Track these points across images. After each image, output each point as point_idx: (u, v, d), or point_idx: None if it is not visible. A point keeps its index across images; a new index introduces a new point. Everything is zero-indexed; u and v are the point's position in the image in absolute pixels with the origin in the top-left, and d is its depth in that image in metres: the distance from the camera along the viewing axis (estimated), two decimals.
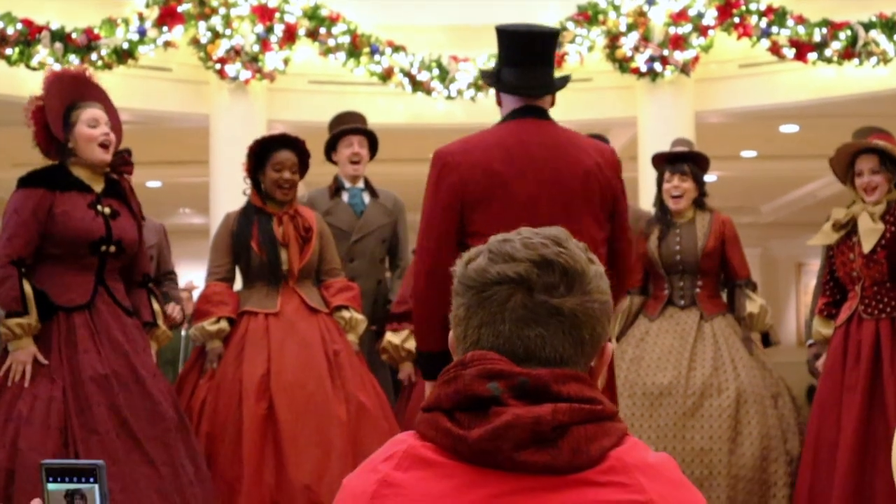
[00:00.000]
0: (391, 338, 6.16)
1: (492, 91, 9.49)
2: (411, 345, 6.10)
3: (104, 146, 4.67)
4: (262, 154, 5.51)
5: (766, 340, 6.20)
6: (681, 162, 6.24)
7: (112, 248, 4.66)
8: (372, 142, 6.59)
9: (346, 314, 5.54)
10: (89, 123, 4.65)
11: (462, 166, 3.90)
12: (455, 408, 1.62)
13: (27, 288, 4.49)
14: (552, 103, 4.16)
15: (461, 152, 3.94)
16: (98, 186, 4.72)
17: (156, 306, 4.97)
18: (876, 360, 5.33)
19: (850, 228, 5.54)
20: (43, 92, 4.69)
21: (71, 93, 4.71)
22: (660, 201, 6.31)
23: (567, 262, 1.68)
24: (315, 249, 5.52)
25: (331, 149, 6.59)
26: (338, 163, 6.56)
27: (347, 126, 6.57)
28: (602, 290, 1.71)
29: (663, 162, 6.33)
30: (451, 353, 1.75)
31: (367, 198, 6.54)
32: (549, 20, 10.00)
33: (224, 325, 5.37)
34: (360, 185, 6.57)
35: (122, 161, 4.83)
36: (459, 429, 1.60)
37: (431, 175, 3.96)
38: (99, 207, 4.67)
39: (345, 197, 6.50)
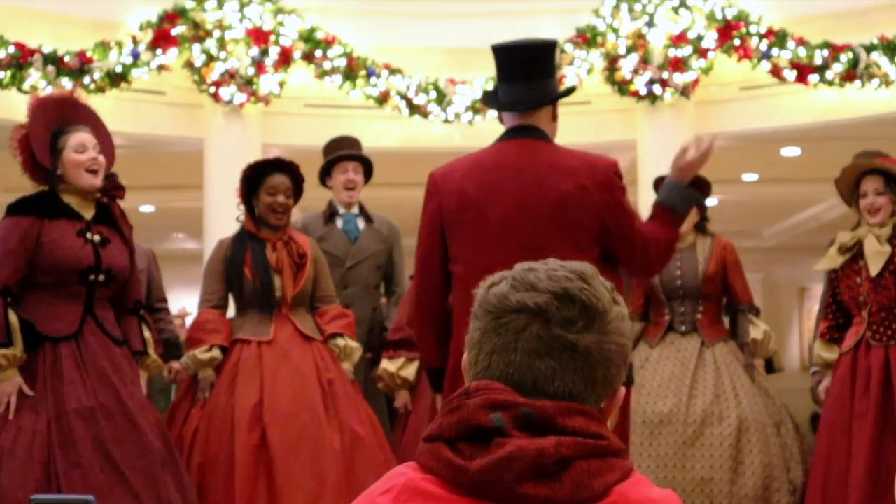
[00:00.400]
0: (387, 365, 6.09)
1: (491, 113, 9.43)
2: (407, 372, 6.04)
3: (93, 171, 4.59)
4: (255, 179, 5.43)
5: (770, 367, 6.10)
6: None
7: (101, 277, 4.58)
8: (367, 167, 6.51)
9: (340, 342, 5.45)
10: (76, 149, 4.57)
11: (442, 191, 3.96)
12: (457, 438, 1.60)
13: (13, 318, 4.41)
14: (554, 116, 4.06)
15: (443, 176, 4.00)
16: (88, 213, 4.64)
17: (147, 334, 4.88)
18: (886, 386, 5.26)
19: (855, 252, 5.45)
20: (27, 119, 4.60)
21: (57, 118, 4.64)
22: None
23: (589, 298, 1.65)
24: (309, 276, 5.44)
25: (325, 174, 6.52)
26: (332, 188, 6.48)
27: (343, 152, 6.50)
28: (622, 332, 1.68)
29: None
30: (464, 376, 1.72)
31: (361, 224, 6.47)
32: None
33: (216, 353, 5.28)
34: (355, 210, 6.49)
35: (113, 185, 4.74)
36: (461, 459, 1.57)
37: (423, 210, 4.06)
38: (88, 235, 4.59)
39: (339, 223, 6.42)
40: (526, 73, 3.91)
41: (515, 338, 1.64)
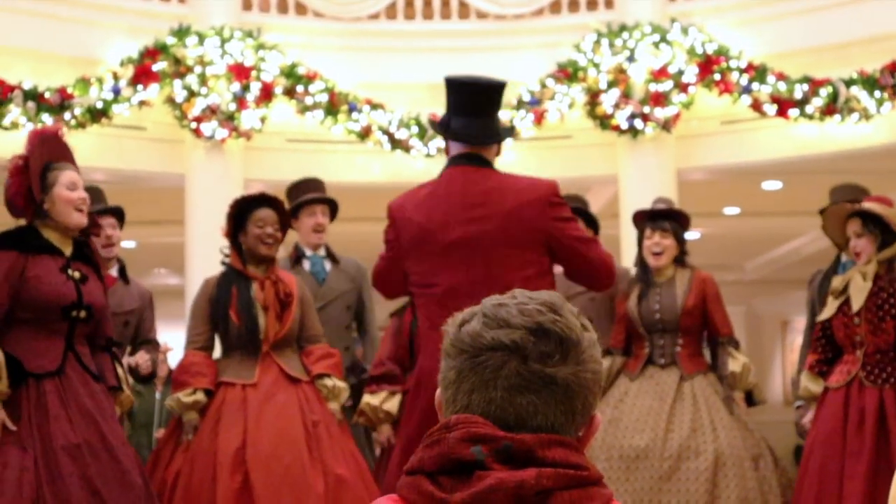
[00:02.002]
0: (369, 399, 6.07)
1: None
2: (390, 406, 6.03)
3: (80, 210, 4.57)
4: (241, 215, 5.40)
5: (751, 400, 6.08)
6: (662, 219, 6.16)
7: (82, 314, 4.54)
8: (333, 209, 6.50)
9: (328, 382, 5.41)
10: (69, 186, 4.55)
11: (398, 222, 4.27)
12: (438, 471, 1.60)
13: None
14: (498, 152, 4.32)
15: (398, 208, 4.30)
16: (67, 249, 4.61)
17: (119, 371, 4.85)
18: (881, 427, 5.23)
19: (847, 293, 5.47)
20: (27, 150, 4.58)
21: (49, 152, 4.61)
22: (640, 259, 6.22)
23: (563, 330, 1.65)
24: (296, 317, 5.41)
25: (291, 216, 6.47)
26: (298, 231, 6.43)
27: (311, 195, 6.46)
28: (595, 359, 1.69)
29: (644, 219, 6.25)
30: (437, 413, 1.72)
31: (328, 265, 6.45)
32: (529, 77, 9.97)
33: (200, 396, 5.24)
34: (321, 252, 6.46)
35: (92, 223, 4.72)
36: (442, 492, 1.57)
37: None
38: (69, 272, 4.55)
39: (306, 265, 6.39)
40: (481, 109, 4.17)
41: (494, 375, 1.63)
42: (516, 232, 4.11)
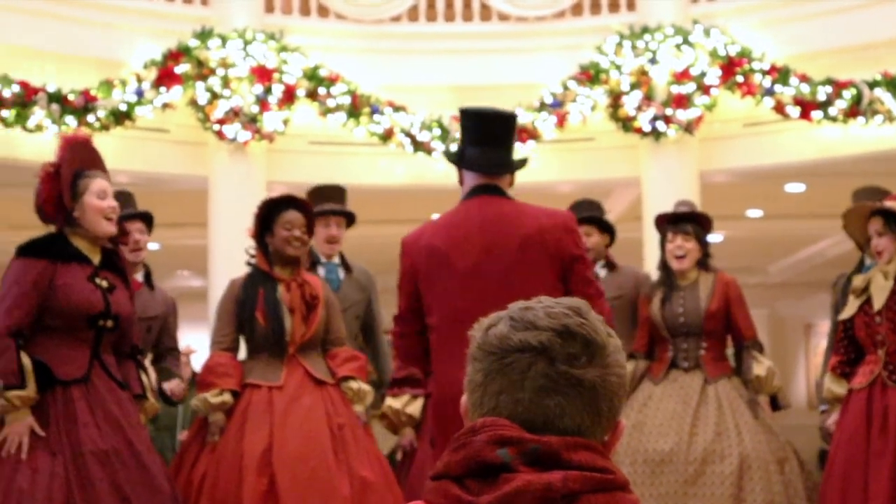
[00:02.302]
0: (392, 402, 6.03)
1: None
2: (412, 409, 5.99)
3: (110, 219, 4.59)
4: (268, 216, 5.40)
5: (776, 404, 6.05)
6: (684, 222, 6.14)
7: (109, 323, 4.56)
8: (350, 218, 6.49)
9: (353, 385, 5.41)
10: (99, 195, 4.56)
11: (412, 251, 4.28)
12: (465, 475, 1.60)
13: (25, 360, 4.39)
14: (511, 182, 4.36)
15: (414, 239, 4.31)
16: (96, 258, 4.63)
17: (144, 379, 4.87)
18: None
19: (869, 292, 5.44)
20: (58, 157, 4.59)
21: (80, 160, 4.63)
22: (663, 263, 6.20)
23: (589, 333, 1.67)
24: (322, 319, 5.40)
25: None
26: (314, 238, 6.44)
27: (326, 207, 6.44)
28: (620, 363, 1.70)
29: (666, 223, 6.23)
30: (463, 419, 1.72)
31: (342, 273, 6.44)
32: (551, 79, 9.96)
33: (227, 397, 5.23)
34: (336, 260, 6.46)
35: (121, 231, 4.74)
36: (469, 495, 1.58)
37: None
38: (97, 280, 4.57)
39: (321, 272, 6.38)
40: (496, 140, 4.24)
41: (521, 377, 1.64)
42: (534, 256, 4.13)
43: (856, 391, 5.40)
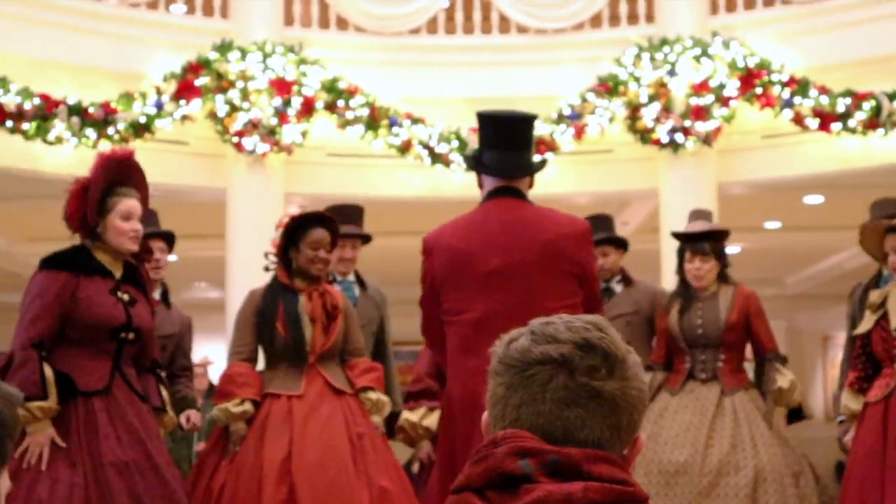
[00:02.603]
0: (409, 416, 6.05)
1: None
2: (429, 422, 6.00)
3: (132, 239, 4.61)
4: (295, 231, 5.40)
5: (798, 415, 6.02)
6: (701, 241, 6.11)
7: (131, 335, 4.59)
8: (365, 239, 6.50)
9: (372, 395, 5.41)
10: (123, 216, 4.59)
11: (434, 251, 4.27)
12: (486, 486, 1.61)
13: (48, 371, 4.42)
14: (531, 185, 4.36)
15: (435, 238, 4.31)
16: (118, 272, 4.66)
17: (164, 392, 4.89)
18: None
19: (886, 307, 5.44)
20: (90, 175, 4.61)
21: (114, 176, 4.65)
22: (682, 275, 6.18)
23: (609, 346, 1.69)
24: (341, 329, 5.41)
25: None
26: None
27: (344, 231, 6.45)
28: (640, 378, 1.72)
29: (682, 241, 6.20)
30: (484, 435, 1.73)
31: (357, 290, 6.45)
32: (570, 91, 9.97)
33: (248, 407, 5.24)
34: (351, 277, 6.47)
35: (144, 248, 4.77)
36: None
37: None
38: (119, 294, 4.60)
39: (337, 289, 6.40)
40: (513, 142, 4.25)
41: (542, 389, 1.66)
42: (554, 261, 4.15)
43: (872, 404, 5.40)
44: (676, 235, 6.28)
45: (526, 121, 4.33)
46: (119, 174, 4.67)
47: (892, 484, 5.20)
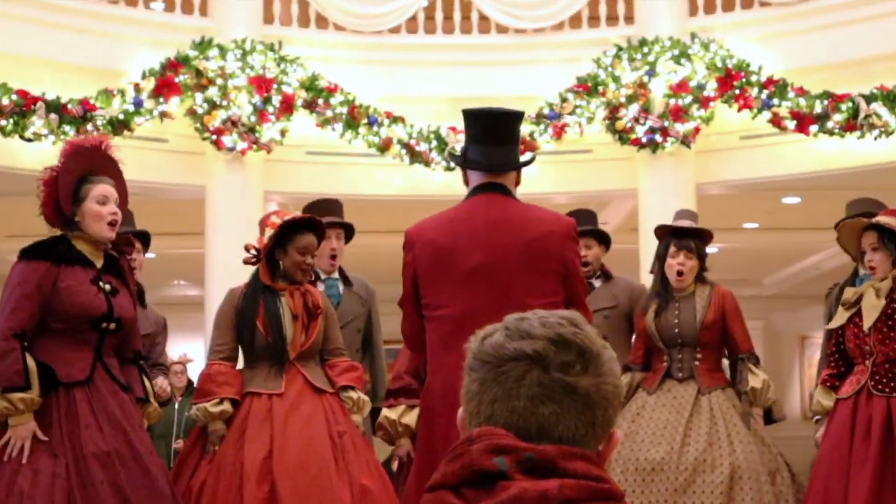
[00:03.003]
0: (388, 413, 6.05)
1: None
2: (408, 419, 6.00)
3: (111, 224, 4.59)
4: (285, 233, 5.38)
5: (770, 417, 6.05)
6: (687, 237, 6.13)
7: (112, 325, 4.57)
8: (348, 231, 6.51)
9: (353, 394, 5.41)
10: (99, 200, 4.57)
11: (416, 245, 4.23)
12: (461, 484, 1.61)
13: (30, 362, 4.40)
14: (517, 182, 4.33)
15: (417, 231, 4.27)
16: (99, 262, 4.64)
17: (147, 383, 4.87)
18: (887, 436, 5.24)
19: (859, 305, 5.48)
20: (59, 162, 4.60)
21: (85, 164, 4.63)
22: (661, 273, 6.17)
23: (583, 341, 1.67)
24: (321, 329, 5.41)
25: None
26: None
27: (328, 219, 6.46)
28: (615, 373, 1.70)
29: (669, 234, 6.20)
30: (460, 431, 1.72)
31: (341, 288, 6.45)
32: (549, 91, 9.98)
33: (227, 406, 5.22)
34: (335, 275, 6.47)
35: (125, 241, 4.75)
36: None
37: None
38: (101, 283, 4.59)
39: (321, 288, 6.39)
40: (499, 138, 4.21)
41: (517, 385, 1.65)
42: (538, 259, 4.12)
43: (842, 401, 5.46)
44: (664, 228, 6.27)
45: (512, 116, 4.29)
46: (92, 163, 4.66)
47: (855, 479, 5.25)
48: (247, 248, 5.49)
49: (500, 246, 4.13)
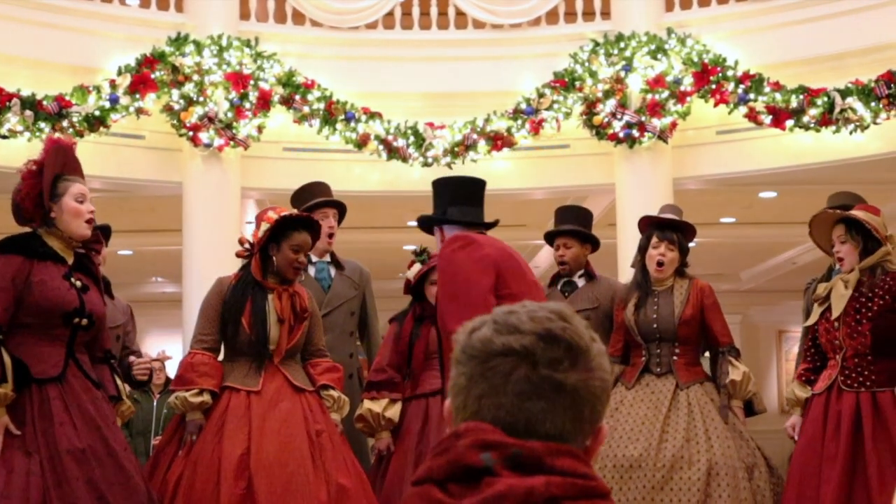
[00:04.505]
0: (370, 405, 6.04)
1: (469, 156, 9.49)
2: (391, 413, 6.00)
3: (88, 222, 4.60)
4: (280, 230, 5.37)
5: (750, 409, 6.07)
6: (671, 230, 6.14)
7: (84, 321, 4.57)
8: (341, 212, 6.52)
9: (333, 393, 5.42)
10: (77, 198, 4.60)
11: (485, 245, 4.77)
12: (447, 479, 1.60)
13: (5, 357, 4.38)
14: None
15: (474, 236, 4.83)
16: (69, 259, 4.64)
17: (119, 382, 4.87)
18: (856, 432, 5.29)
19: (830, 300, 5.53)
20: (42, 156, 4.61)
21: (62, 163, 4.64)
22: (641, 266, 6.18)
23: (572, 337, 1.66)
24: (304, 331, 5.41)
25: None
26: None
27: (322, 198, 6.46)
28: (604, 368, 1.70)
29: (652, 226, 6.20)
30: (447, 424, 1.72)
31: (332, 271, 6.44)
32: (526, 87, 9.99)
33: (207, 397, 5.22)
34: (327, 258, 6.47)
35: (94, 238, 4.75)
36: (451, 499, 1.58)
37: (461, 255, 4.73)
38: (72, 280, 4.57)
39: (311, 271, 6.39)
40: (477, 199, 5.01)
41: (504, 381, 1.64)
42: None
43: (816, 396, 5.51)
44: (649, 219, 6.28)
45: (483, 183, 5.03)
46: (67, 162, 4.68)
47: (826, 475, 5.28)
48: (241, 242, 5.49)
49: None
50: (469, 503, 1.56)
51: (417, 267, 6.23)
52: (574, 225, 6.54)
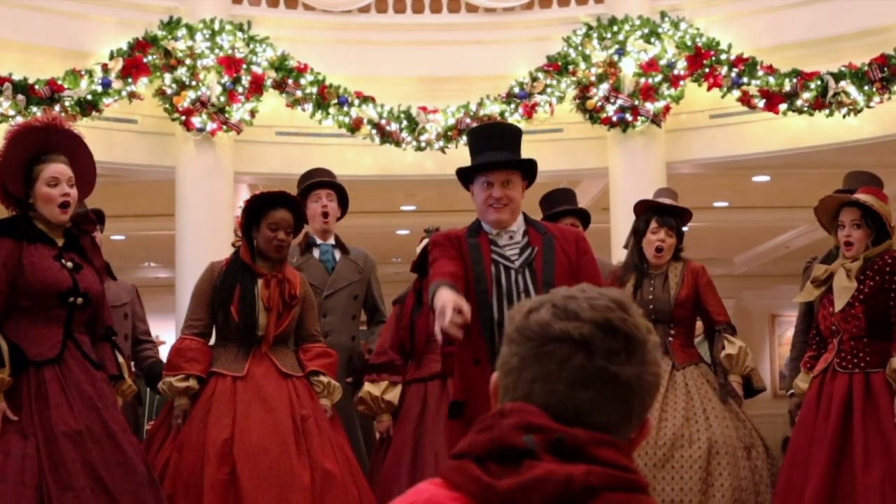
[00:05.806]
0: (370, 388, 6.05)
1: (462, 140, 9.47)
2: (391, 396, 6.02)
3: (62, 206, 4.55)
4: (256, 210, 5.37)
5: (750, 388, 6.08)
6: (670, 215, 6.15)
7: (79, 300, 4.56)
8: (342, 196, 6.50)
9: (324, 379, 5.43)
10: (48, 182, 4.55)
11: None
12: (487, 456, 1.59)
13: (1, 341, 4.37)
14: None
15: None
16: (59, 240, 4.63)
17: (120, 359, 4.86)
18: (846, 413, 5.32)
19: (829, 284, 5.52)
20: (4, 146, 4.57)
21: (36, 145, 4.60)
22: (637, 249, 6.18)
23: (630, 329, 1.65)
24: (294, 317, 5.41)
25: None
26: (308, 218, 6.45)
27: (315, 180, 6.47)
28: (657, 362, 1.68)
29: (651, 210, 6.20)
30: (491, 399, 1.72)
31: (337, 254, 6.46)
32: (519, 71, 9.98)
33: (193, 383, 5.25)
34: (331, 241, 6.48)
35: (86, 220, 4.72)
36: (488, 477, 1.55)
37: None
38: (63, 260, 4.56)
39: (315, 253, 6.40)
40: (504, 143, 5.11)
41: (559, 367, 1.62)
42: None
43: (814, 378, 5.52)
44: (645, 203, 6.28)
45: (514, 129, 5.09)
46: (43, 143, 4.62)
47: (815, 456, 5.31)
48: (235, 231, 5.52)
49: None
50: (507, 484, 1.54)
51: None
52: (566, 206, 6.58)
